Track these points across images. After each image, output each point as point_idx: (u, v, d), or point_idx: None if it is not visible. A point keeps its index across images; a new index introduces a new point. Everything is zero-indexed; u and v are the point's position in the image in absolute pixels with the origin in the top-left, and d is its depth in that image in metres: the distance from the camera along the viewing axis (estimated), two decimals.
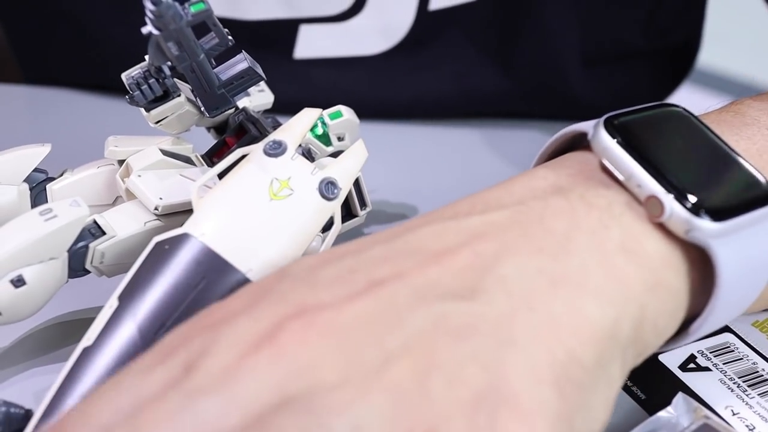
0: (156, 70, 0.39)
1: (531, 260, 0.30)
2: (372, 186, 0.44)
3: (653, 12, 0.62)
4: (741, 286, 0.32)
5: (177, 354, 0.27)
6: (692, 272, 0.32)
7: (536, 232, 0.30)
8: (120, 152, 0.40)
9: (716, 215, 0.31)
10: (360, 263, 0.30)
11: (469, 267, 0.29)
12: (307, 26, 0.59)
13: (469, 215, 0.31)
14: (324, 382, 0.26)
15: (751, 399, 0.36)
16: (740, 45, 1.52)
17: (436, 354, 0.27)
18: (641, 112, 0.34)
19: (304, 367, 0.26)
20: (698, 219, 0.30)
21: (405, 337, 0.27)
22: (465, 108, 0.64)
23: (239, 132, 0.41)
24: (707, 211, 0.30)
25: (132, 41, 0.39)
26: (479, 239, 0.30)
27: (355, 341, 0.27)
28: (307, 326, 0.27)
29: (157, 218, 0.38)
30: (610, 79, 0.65)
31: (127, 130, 0.42)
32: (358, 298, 0.28)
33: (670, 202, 0.31)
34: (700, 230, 0.30)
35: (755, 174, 0.33)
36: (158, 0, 0.34)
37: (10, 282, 0.34)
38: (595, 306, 0.29)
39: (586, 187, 0.32)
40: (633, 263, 0.30)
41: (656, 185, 0.31)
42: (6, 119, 0.62)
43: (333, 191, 0.36)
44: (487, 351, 0.27)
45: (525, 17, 0.60)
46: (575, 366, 0.28)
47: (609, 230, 0.31)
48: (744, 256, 0.31)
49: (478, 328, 0.28)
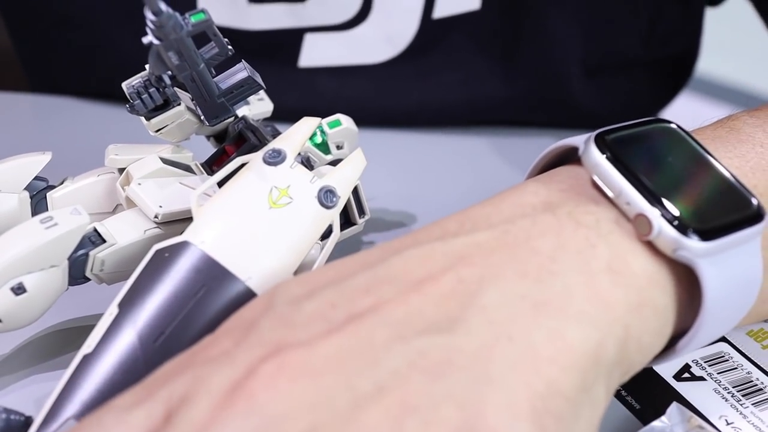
0: (156, 80, 0.39)
1: (514, 285, 0.29)
2: (374, 194, 0.44)
3: (654, 23, 0.62)
4: (728, 305, 0.32)
5: (159, 394, 0.28)
6: (679, 290, 0.31)
7: (522, 254, 0.30)
8: (120, 160, 0.40)
9: (704, 234, 0.30)
10: (341, 295, 0.29)
11: (451, 295, 0.29)
12: (311, 35, 0.59)
13: (456, 236, 0.31)
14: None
15: (746, 409, 0.36)
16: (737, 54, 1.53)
17: (411, 394, 0.26)
18: (633, 128, 0.34)
19: (274, 418, 0.26)
20: (686, 238, 0.30)
21: (379, 378, 0.27)
22: (468, 116, 0.64)
23: (239, 140, 0.42)
24: (695, 231, 0.30)
25: (133, 51, 0.40)
26: (464, 263, 0.30)
27: (327, 384, 0.27)
28: (278, 370, 0.27)
29: (156, 226, 0.38)
30: (612, 87, 0.65)
31: (128, 138, 0.42)
32: (334, 334, 0.28)
33: (659, 220, 0.31)
34: (688, 249, 0.30)
35: (745, 194, 0.33)
36: (159, 10, 0.35)
37: (10, 289, 0.35)
38: (578, 330, 0.29)
39: (575, 203, 0.32)
40: (618, 283, 0.30)
41: (645, 203, 0.31)
42: (7, 127, 0.62)
43: (332, 199, 0.36)
44: (464, 388, 0.27)
45: (528, 26, 0.60)
46: (556, 397, 0.27)
47: (595, 249, 0.31)
48: (731, 276, 0.31)
49: (456, 363, 0.27)
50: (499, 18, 0.59)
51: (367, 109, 0.56)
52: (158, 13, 0.35)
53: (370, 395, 0.26)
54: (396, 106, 0.63)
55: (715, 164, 0.33)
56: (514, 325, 0.28)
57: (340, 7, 0.58)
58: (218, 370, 0.28)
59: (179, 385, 0.28)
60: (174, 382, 0.28)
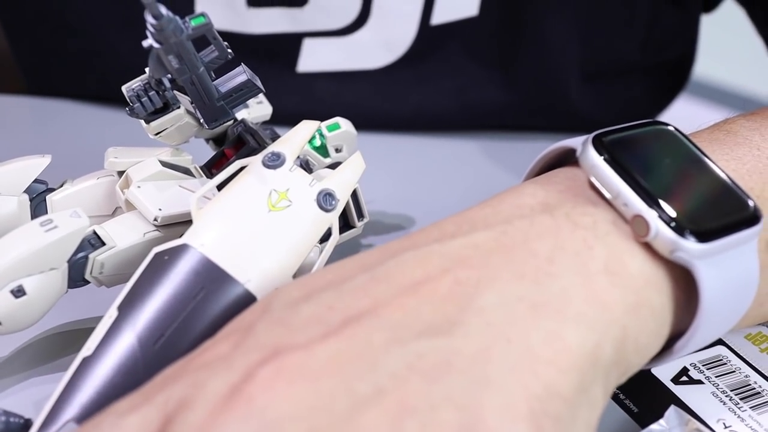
0: (156, 83, 0.39)
1: (512, 287, 0.29)
2: (372, 197, 0.45)
3: (650, 28, 0.63)
4: (725, 306, 0.32)
5: (156, 399, 0.28)
6: (676, 291, 0.32)
7: (519, 255, 0.30)
8: (120, 163, 0.40)
9: (701, 236, 0.31)
10: (339, 297, 0.29)
11: (449, 297, 0.29)
12: (310, 40, 0.59)
13: (454, 237, 0.31)
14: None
15: (744, 412, 0.36)
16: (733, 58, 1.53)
17: (410, 397, 0.26)
18: (631, 130, 0.34)
19: (273, 421, 0.26)
20: (683, 240, 0.30)
21: (377, 381, 0.27)
22: (466, 121, 0.64)
23: (238, 143, 0.42)
24: (692, 232, 0.31)
25: (134, 54, 0.40)
26: (462, 265, 0.30)
27: (325, 387, 0.27)
28: (276, 373, 0.27)
29: (156, 229, 0.38)
30: (609, 92, 0.65)
31: (127, 141, 0.42)
32: (332, 337, 0.28)
33: (656, 221, 0.31)
34: (685, 251, 0.30)
35: (741, 196, 0.33)
36: (159, 14, 0.35)
37: (10, 292, 0.35)
38: (576, 332, 0.29)
39: (573, 204, 0.32)
40: (615, 284, 0.30)
41: (642, 205, 0.31)
42: (7, 130, 0.62)
43: (331, 202, 0.36)
44: (462, 390, 0.27)
45: (526, 32, 0.60)
46: (554, 399, 0.27)
47: (593, 250, 0.31)
48: (728, 278, 0.31)
49: (454, 365, 0.27)
50: (496, 24, 0.60)
51: (366, 114, 0.56)
52: (159, 16, 0.35)
53: (368, 398, 0.26)
54: (394, 111, 0.63)
55: (712, 167, 0.34)
56: (512, 327, 0.28)
57: (338, 13, 0.58)
58: (216, 374, 0.28)
59: (177, 391, 0.28)
60: (171, 388, 0.28)
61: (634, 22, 0.62)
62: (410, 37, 0.59)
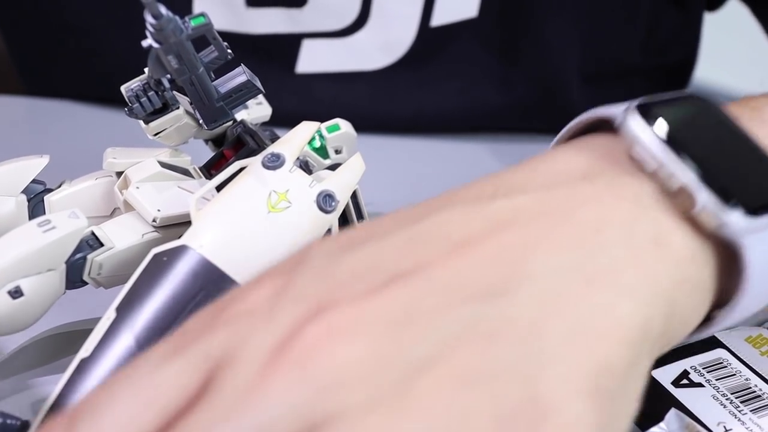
0: (155, 83, 0.39)
1: (560, 255, 0.28)
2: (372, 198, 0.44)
3: (652, 31, 0.63)
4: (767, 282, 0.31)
5: (191, 350, 0.26)
6: (717, 267, 0.31)
7: (564, 223, 0.29)
8: (118, 164, 0.40)
9: (749, 210, 0.29)
10: (381, 252, 0.28)
11: (496, 262, 0.28)
12: (309, 41, 0.59)
13: (494, 198, 0.30)
14: (351, 406, 0.25)
15: (744, 415, 0.36)
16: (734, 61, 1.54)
17: (469, 365, 0.26)
18: (671, 103, 0.33)
19: (328, 386, 0.25)
20: (730, 213, 0.29)
21: (434, 345, 0.26)
22: (466, 122, 0.64)
23: (237, 144, 0.42)
24: (739, 206, 0.29)
25: (133, 54, 0.40)
26: (505, 229, 0.29)
27: (380, 351, 0.25)
28: (325, 332, 0.26)
29: (155, 230, 0.38)
30: (609, 94, 0.65)
31: (126, 141, 0.42)
32: (381, 295, 0.27)
33: (703, 194, 0.30)
34: (732, 225, 0.29)
35: None
36: (159, 14, 0.35)
37: (7, 293, 0.34)
38: (629, 306, 0.28)
39: (612, 174, 0.31)
40: (662, 258, 0.29)
41: (690, 176, 0.30)
42: (5, 130, 0.62)
43: (331, 204, 0.36)
44: (521, 362, 0.26)
45: (526, 34, 0.60)
46: (608, 373, 0.27)
47: (638, 222, 0.30)
48: None
49: (509, 334, 0.26)
50: (496, 25, 0.60)
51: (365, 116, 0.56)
52: (158, 16, 0.35)
53: (422, 364, 0.25)
54: (394, 112, 0.63)
55: (754, 140, 0.32)
56: (564, 297, 0.28)
57: (338, 14, 0.58)
58: (258, 328, 0.26)
59: (215, 344, 0.26)
60: (208, 340, 0.26)
61: (635, 24, 0.62)
62: (410, 38, 0.59)
